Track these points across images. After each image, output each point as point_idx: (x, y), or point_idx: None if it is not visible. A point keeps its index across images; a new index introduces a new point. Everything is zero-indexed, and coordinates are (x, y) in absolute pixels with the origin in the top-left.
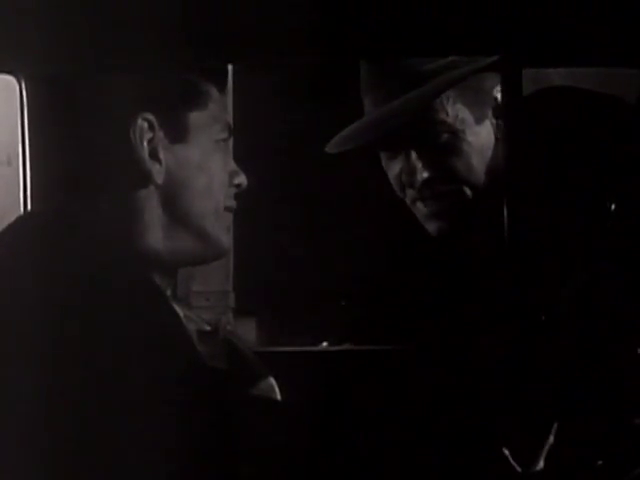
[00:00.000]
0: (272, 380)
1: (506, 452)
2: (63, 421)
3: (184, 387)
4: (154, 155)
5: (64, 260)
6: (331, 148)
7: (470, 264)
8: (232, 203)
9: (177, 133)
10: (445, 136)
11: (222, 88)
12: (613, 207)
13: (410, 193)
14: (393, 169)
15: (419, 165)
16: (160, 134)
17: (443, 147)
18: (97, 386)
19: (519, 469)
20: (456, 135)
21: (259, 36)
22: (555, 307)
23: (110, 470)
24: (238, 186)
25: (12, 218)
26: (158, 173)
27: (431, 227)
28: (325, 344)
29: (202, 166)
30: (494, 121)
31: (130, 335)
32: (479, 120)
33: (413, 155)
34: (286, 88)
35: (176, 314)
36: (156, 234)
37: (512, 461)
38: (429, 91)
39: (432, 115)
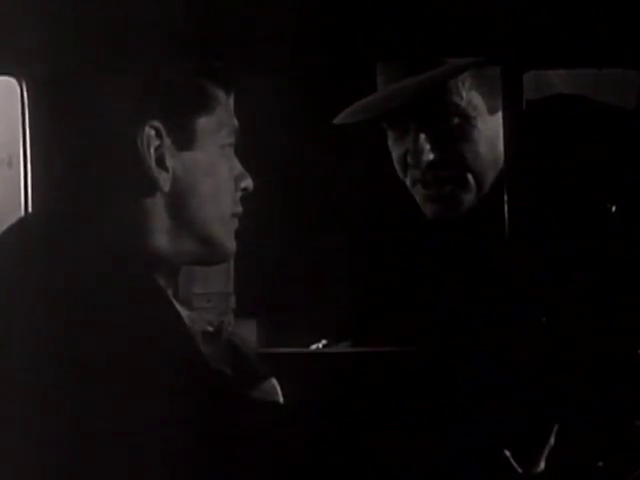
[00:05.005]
0: (274, 381)
1: (507, 453)
2: (64, 421)
3: (186, 388)
4: (161, 163)
5: (65, 261)
6: (339, 120)
7: (468, 255)
8: (239, 209)
9: (184, 140)
10: (456, 120)
11: (229, 91)
12: (613, 208)
13: (413, 174)
14: (398, 150)
15: (427, 147)
16: (167, 141)
17: (452, 131)
18: (99, 386)
19: (520, 470)
20: (467, 120)
21: (261, 37)
22: (556, 308)
23: (111, 470)
24: (244, 189)
25: (13, 219)
26: (165, 181)
27: (428, 210)
28: (324, 341)
29: (209, 172)
30: None
31: (132, 335)
32: (492, 111)
33: (422, 136)
34: (287, 88)
35: (179, 315)
36: (161, 237)
37: (513, 462)
38: (443, 72)
39: (446, 96)
